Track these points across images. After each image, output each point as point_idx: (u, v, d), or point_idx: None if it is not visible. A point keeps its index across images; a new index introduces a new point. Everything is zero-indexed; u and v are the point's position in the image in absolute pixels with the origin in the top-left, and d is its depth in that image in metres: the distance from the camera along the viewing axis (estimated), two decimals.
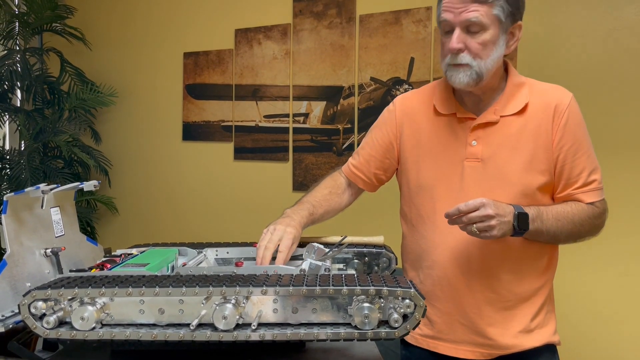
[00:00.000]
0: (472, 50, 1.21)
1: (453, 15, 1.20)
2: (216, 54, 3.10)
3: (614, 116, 2.16)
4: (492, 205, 1.14)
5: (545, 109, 1.27)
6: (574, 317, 2.20)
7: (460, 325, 1.32)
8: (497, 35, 1.21)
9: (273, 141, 2.95)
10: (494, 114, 1.29)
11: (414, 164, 1.39)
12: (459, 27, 1.20)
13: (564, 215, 1.24)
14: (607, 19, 2.16)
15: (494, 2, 1.18)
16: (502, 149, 1.27)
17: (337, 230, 1.57)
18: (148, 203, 3.41)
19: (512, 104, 1.28)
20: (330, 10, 2.74)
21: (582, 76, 2.20)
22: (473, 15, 1.18)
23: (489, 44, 1.21)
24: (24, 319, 1.01)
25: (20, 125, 3.07)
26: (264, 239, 1.26)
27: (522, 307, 1.30)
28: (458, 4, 1.19)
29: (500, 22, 1.20)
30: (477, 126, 1.30)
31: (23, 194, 1.18)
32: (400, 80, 2.57)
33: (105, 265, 1.24)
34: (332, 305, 1.01)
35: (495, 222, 1.14)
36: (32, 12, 3.11)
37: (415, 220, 1.40)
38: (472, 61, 1.21)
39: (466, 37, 1.21)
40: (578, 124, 1.27)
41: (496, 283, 1.29)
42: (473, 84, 1.24)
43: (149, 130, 3.39)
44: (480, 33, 1.20)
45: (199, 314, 1.00)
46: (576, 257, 2.18)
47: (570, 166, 1.25)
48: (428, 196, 1.35)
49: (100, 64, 3.47)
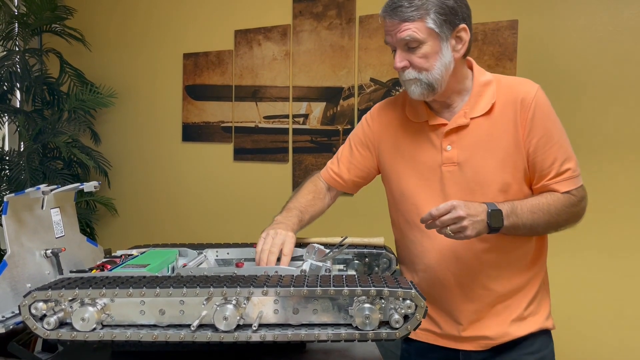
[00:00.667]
0: (415, 65, 1.25)
1: (391, 37, 1.26)
2: (216, 54, 3.10)
3: (614, 117, 2.16)
4: (462, 206, 1.17)
5: (512, 104, 1.28)
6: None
7: (455, 323, 1.36)
8: (438, 45, 1.24)
9: (273, 142, 2.95)
10: (464, 117, 1.31)
11: (394, 172, 1.42)
12: (398, 46, 1.26)
13: (539, 207, 1.25)
14: (607, 21, 2.17)
15: (423, 17, 1.22)
16: (476, 151, 1.30)
17: (337, 231, 1.57)
18: (147, 204, 3.41)
19: (480, 105, 1.31)
20: (330, 11, 2.74)
21: (581, 77, 2.20)
22: (406, 34, 1.23)
23: (431, 55, 1.24)
24: (24, 320, 1.01)
25: (20, 126, 3.06)
26: (265, 242, 1.27)
27: (515, 298, 1.33)
28: (392, 26, 1.25)
29: (436, 33, 1.23)
30: (449, 131, 1.32)
31: (23, 194, 1.18)
32: None
33: (105, 266, 1.24)
34: (333, 306, 1.01)
35: (467, 222, 1.17)
36: (32, 13, 3.11)
37: (403, 226, 1.43)
38: (418, 75, 1.26)
39: (408, 54, 1.25)
40: (546, 115, 1.28)
41: (487, 280, 1.32)
42: (428, 94, 1.28)
43: (149, 131, 3.38)
44: (419, 47, 1.24)
45: (199, 314, 1.00)
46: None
47: (541, 157, 1.26)
48: (411, 203, 1.38)
49: (100, 64, 3.47)
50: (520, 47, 2.29)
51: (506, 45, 2.28)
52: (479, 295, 1.33)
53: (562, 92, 2.16)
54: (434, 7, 1.22)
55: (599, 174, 2.07)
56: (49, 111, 3.28)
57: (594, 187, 1.43)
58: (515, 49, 2.29)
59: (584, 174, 1.30)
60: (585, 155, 1.95)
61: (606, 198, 2.06)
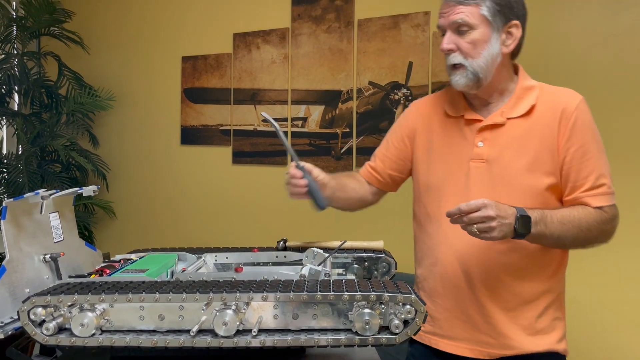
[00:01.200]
0: (462, 50, 1.26)
1: (444, 19, 1.28)
2: (214, 58, 3.10)
3: (611, 121, 2.16)
4: (493, 206, 1.14)
5: (553, 111, 1.27)
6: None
7: (460, 322, 1.32)
8: (488, 34, 1.25)
9: (271, 145, 2.94)
10: (500, 115, 1.30)
11: (424, 164, 1.42)
12: (449, 29, 1.27)
13: (569, 220, 1.22)
14: (603, 25, 2.17)
15: (479, 3, 1.24)
16: (507, 150, 1.28)
17: (337, 234, 1.58)
18: (146, 207, 3.41)
19: (520, 106, 1.30)
20: (329, 15, 2.74)
21: (577, 81, 2.20)
22: (458, 17, 1.24)
23: (479, 42, 1.25)
24: (23, 325, 1.01)
25: (18, 129, 3.06)
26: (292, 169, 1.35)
27: (523, 309, 1.29)
28: (446, 9, 1.27)
29: (488, 21, 1.25)
30: (483, 128, 1.31)
31: (22, 199, 1.18)
32: (399, 85, 2.57)
33: (104, 270, 1.23)
34: (333, 311, 1.01)
35: (495, 223, 1.13)
36: (30, 16, 3.11)
37: (423, 218, 1.41)
38: (464, 60, 1.26)
39: (457, 39, 1.26)
40: (587, 126, 1.26)
41: (496, 283, 1.29)
42: (472, 85, 1.28)
43: (147, 134, 3.38)
44: (469, 32, 1.25)
45: (199, 320, 1.00)
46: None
47: (577, 168, 1.24)
48: (435, 195, 1.37)
49: (99, 68, 3.47)
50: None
51: None
52: (485, 296, 1.29)
53: None
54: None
55: None
56: (47, 114, 3.27)
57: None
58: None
59: None
60: None
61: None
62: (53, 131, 3.16)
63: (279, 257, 1.46)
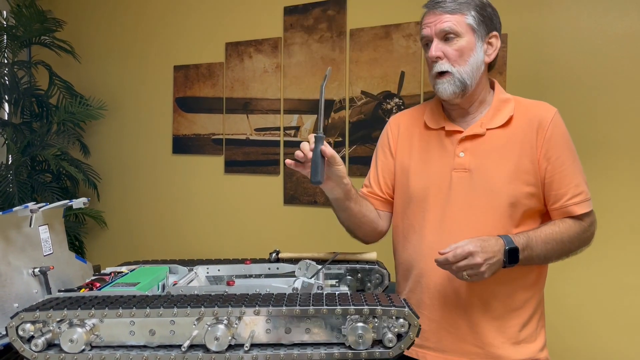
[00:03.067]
0: (450, 57, 1.30)
1: (429, 29, 1.32)
2: (207, 67, 3.10)
3: (604, 130, 2.17)
4: (479, 252, 1.17)
5: (529, 123, 1.31)
6: (564, 331, 2.20)
7: (447, 334, 1.33)
8: (473, 42, 1.31)
9: (264, 154, 2.94)
10: (480, 126, 1.34)
11: (405, 175, 1.43)
12: (436, 37, 1.31)
13: (552, 237, 1.27)
14: (595, 35, 2.19)
15: (464, 11, 1.29)
16: (488, 160, 1.31)
17: (330, 245, 1.57)
18: (137, 217, 3.38)
19: (498, 117, 1.34)
20: (321, 25, 2.75)
21: (570, 91, 2.22)
22: (446, 25, 1.29)
23: (466, 50, 1.30)
24: (11, 341, 0.99)
25: (8, 138, 3.03)
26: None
27: (510, 317, 1.31)
28: (432, 18, 1.31)
29: (474, 30, 1.30)
30: (464, 138, 1.35)
31: (11, 213, 1.17)
32: (391, 94, 2.58)
33: (94, 284, 1.22)
34: (326, 325, 1.00)
35: (484, 267, 1.18)
36: (21, 25, 3.09)
37: (407, 230, 1.42)
38: (451, 67, 1.30)
39: (444, 46, 1.30)
40: (563, 138, 1.31)
41: (483, 291, 1.30)
42: (459, 93, 1.31)
43: (139, 143, 3.36)
44: (456, 40, 1.29)
45: (190, 335, 0.99)
46: (568, 269, 2.19)
47: (558, 178, 1.29)
48: (418, 206, 1.38)
49: (90, 77, 3.45)
50: (510, 60, 2.31)
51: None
52: (473, 305, 1.30)
53: (553, 106, 2.16)
54: (474, 6, 1.30)
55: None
56: (38, 124, 3.25)
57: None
58: (505, 62, 2.31)
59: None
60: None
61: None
62: (43, 141, 3.14)
63: (272, 269, 1.45)
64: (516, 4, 2.28)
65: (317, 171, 1.23)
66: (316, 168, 1.23)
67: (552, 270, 1.40)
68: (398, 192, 1.46)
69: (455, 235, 1.25)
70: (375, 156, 1.54)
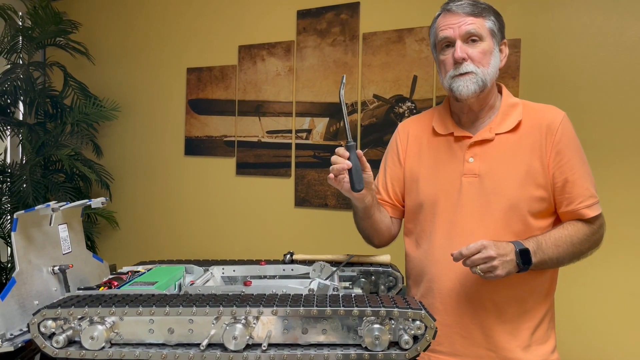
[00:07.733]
0: (474, 58, 1.30)
1: (452, 30, 1.31)
2: (219, 69, 3.12)
3: (618, 135, 2.17)
4: (492, 246, 1.18)
5: (538, 127, 1.32)
6: (573, 332, 2.19)
7: (460, 338, 1.33)
8: (492, 46, 1.33)
9: (275, 157, 2.95)
10: (489, 131, 1.35)
11: (415, 182, 1.44)
12: (460, 39, 1.31)
13: (563, 240, 1.27)
14: (609, 39, 2.19)
15: (486, 16, 1.32)
16: (498, 165, 1.32)
17: (343, 247, 1.58)
18: (149, 217, 3.41)
19: (507, 122, 1.35)
20: (334, 28, 2.77)
21: (584, 95, 2.21)
22: (472, 27, 1.30)
23: (488, 52, 1.31)
24: (33, 337, 1.01)
25: (23, 138, 3.07)
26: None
27: (522, 321, 1.31)
28: (455, 20, 1.31)
29: (493, 34, 1.33)
30: (473, 144, 1.35)
31: (33, 211, 1.19)
32: (403, 98, 2.59)
33: (112, 283, 1.23)
34: (342, 326, 1.01)
35: (497, 262, 1.18)
36: (37, 27, 3.13)
37: (418, 236, 1.43)
38: (475, 69, 1.30)
39: (467, 48, 1.31)
40: (572, 141, 1.32)
41: (496, 296, 1.30)
42: (479, 92, 1.31)
43: (151, 144, 3.39)
44: (479, 43, 1.31)
45: (208, 333, 1.00)
46: (575, 271, 2.19)
47: (570, 180, 1.29)
48: (429, 212, 1.39)
49: (104, 78, 3.49)
50: (523, 65, 2.31)
51: (509, 64, 2.30)
52: (485, 309, 1.31)
53: (565, 111, 2.16)
54: (493, 13, 1.33)
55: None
56: (52, 124, 3.29)
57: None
58: (518, 67, 2.31)
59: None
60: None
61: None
62: (57, 141, 3.18)
63: (286, 270, 1.46)
64: (529, 9, 2.28)
65: (360, 179, 1.26)
66: (358, 176, 1.26)
67: (560, 272, 1.40)
68: (408, 199, 1.47)
69: (466, 240, 1.25)
70: (384, 163, 1.54)
